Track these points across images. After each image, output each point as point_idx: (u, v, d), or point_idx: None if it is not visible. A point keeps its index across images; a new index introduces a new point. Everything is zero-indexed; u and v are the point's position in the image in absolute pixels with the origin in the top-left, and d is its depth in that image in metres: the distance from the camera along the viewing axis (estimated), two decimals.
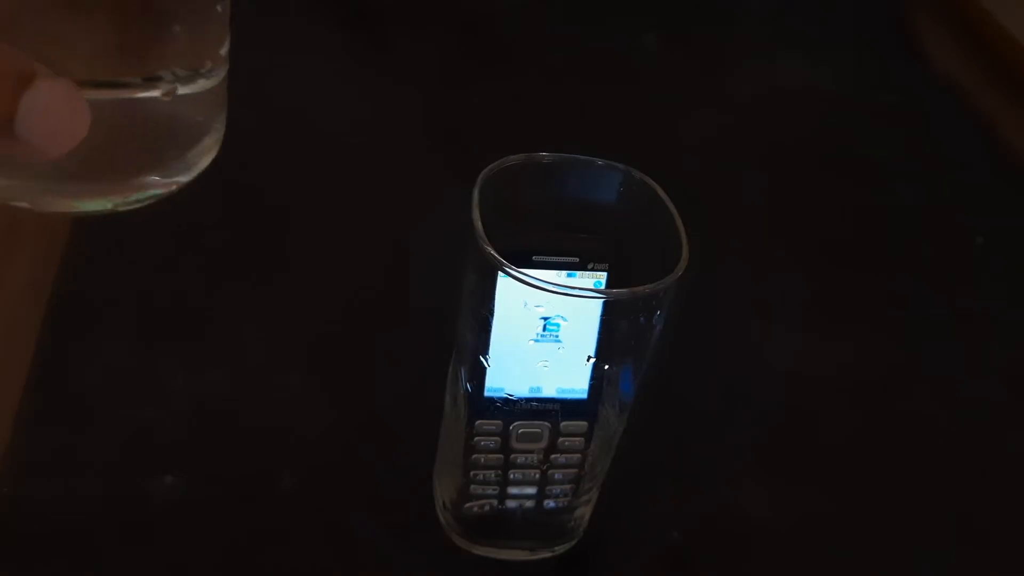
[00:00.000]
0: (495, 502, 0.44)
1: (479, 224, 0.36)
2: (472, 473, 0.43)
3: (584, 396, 0.41)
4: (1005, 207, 0.73)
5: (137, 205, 0.25)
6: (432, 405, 0.44)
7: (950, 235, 0.70)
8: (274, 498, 0.48)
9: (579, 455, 0.42)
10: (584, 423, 0.41)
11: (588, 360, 0.39)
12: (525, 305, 0.36)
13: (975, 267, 0.68)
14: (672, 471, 0.51)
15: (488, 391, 0.40)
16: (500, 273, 0.36)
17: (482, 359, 0.39)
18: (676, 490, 0.50)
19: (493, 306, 0.37)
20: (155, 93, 0.24)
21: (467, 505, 0.44)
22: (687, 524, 0.49)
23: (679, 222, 0.37)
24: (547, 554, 0.47)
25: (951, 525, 0.51)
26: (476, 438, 0.41)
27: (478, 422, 0.41)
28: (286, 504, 0.47)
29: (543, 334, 0.38)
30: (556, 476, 0.43)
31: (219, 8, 0.25)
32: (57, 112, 0.20)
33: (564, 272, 0.40)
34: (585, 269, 0.40)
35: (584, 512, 0.46)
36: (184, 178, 0.26)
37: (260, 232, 0.60)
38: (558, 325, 0.37)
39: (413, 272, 0.59)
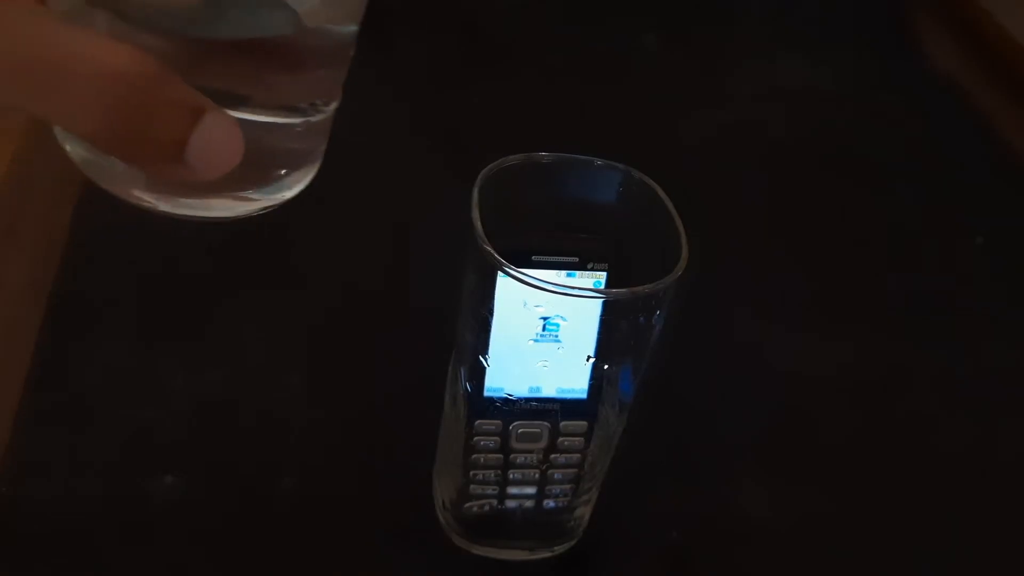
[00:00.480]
0: (495, 502, 0.44)
1: (479, 224, 0.36)
2: (472, 473, 0.43)
3: (584, 396, 0.41)
4: (1005, 207, 0.73)
5: (245, 215, 0.28)
6: (432, 405, 0.44)
7: (950, 235, 0.70)
8: (274, 498, 0.48)
9: (579, 455, 0.42)
10: (584, 423, 0.41)
11: (588, 360, 0.39)
12: (525, 305, 0.36)
13: (975, 267, 0.68)
14: (672, 471, 0.51)
15: (488, 391, 0.40)
16: (500, 273, 0.36)
17: (482, 359, 0.39)
18: (676, 490, 0.50)
19: (493, 306, 0.37)
20: (294, 120, 0.27)
21: (467, 505, 0.44)
22: (687, 524, 0.49)
23: (679, 222, 0.37)
24: (547, 554, 0.47)
25: (951, 525, 0.51)
26: (476, 438, 0.41)
27: (478, 422, 0.41)
28: (286, 504, 0.48)
29: (543, 334, 0.38)
30: (556, 476, 0.43)
31: (351, 52, 0.28)
32: (220, 143, 0.23)
33: (564, 272, 0.40)
34: (585, 269, 0.40)
35: (584, 512, 0.46)
36: (289, 194, 0.29)
37: (260, 232, 0.60)
38: (557, 325, 0.37)
39: (413, 272, 0.59)
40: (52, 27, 0.23)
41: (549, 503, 0.44)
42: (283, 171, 0.28)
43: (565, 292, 0.36)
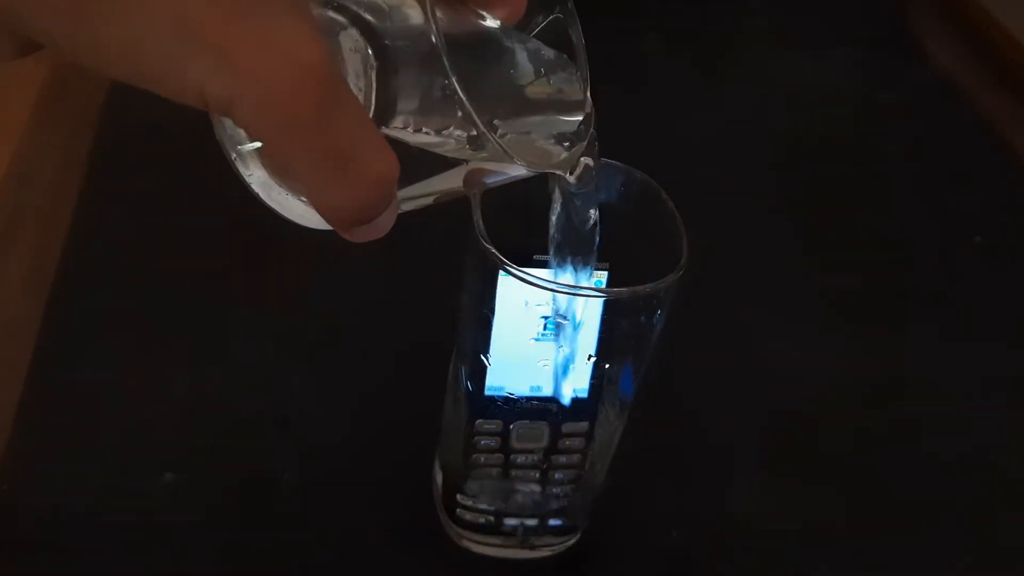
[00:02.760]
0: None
1: (480, 223, 0.36)
2: (473, 472, 0.43)
3: (584, 395, 0.41)
4: (1004, 207, 0.73)
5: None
6: (432, 405, 0.44)
7: (950, 235, 0.70)
8: (273, 497, 0.48)
9: (579, 454, 0.42)
10: (584, 423, 0.41)
11: (589, 359, 0.39)
12: (526, 304, 0.36)
13: (975, 267, 0.68)
14: (672, 471, 0.51)
15: (488, 390, 0.40)
16: (501, 272, 0.36)
17: (483, 358, 0.39)
18: (676, 490, 0.51)
19: (494, 305, 0.37)
20: (429, 201, 0.31)
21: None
22: (687, 524, 0.49)
23: (680, 221, 0.37)
24: (547, 552, 0.47)
25: (951, 525, 0.51)
26: (476, 437, 0.41)
27: (478, 421, 0.41)
28: (286, 504, 0.47)
29: (544, 333, 0.38)
30: (556, 475, 0.43)
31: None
32: (385, 226, 0.27)
33: None
34: None
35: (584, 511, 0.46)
36: None
37: (260, 230, 0.60)
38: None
39: (414, 270, 0.59)
40: (358, 109, 0.24)
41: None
42: None
43: (566, 291, 0.36)
